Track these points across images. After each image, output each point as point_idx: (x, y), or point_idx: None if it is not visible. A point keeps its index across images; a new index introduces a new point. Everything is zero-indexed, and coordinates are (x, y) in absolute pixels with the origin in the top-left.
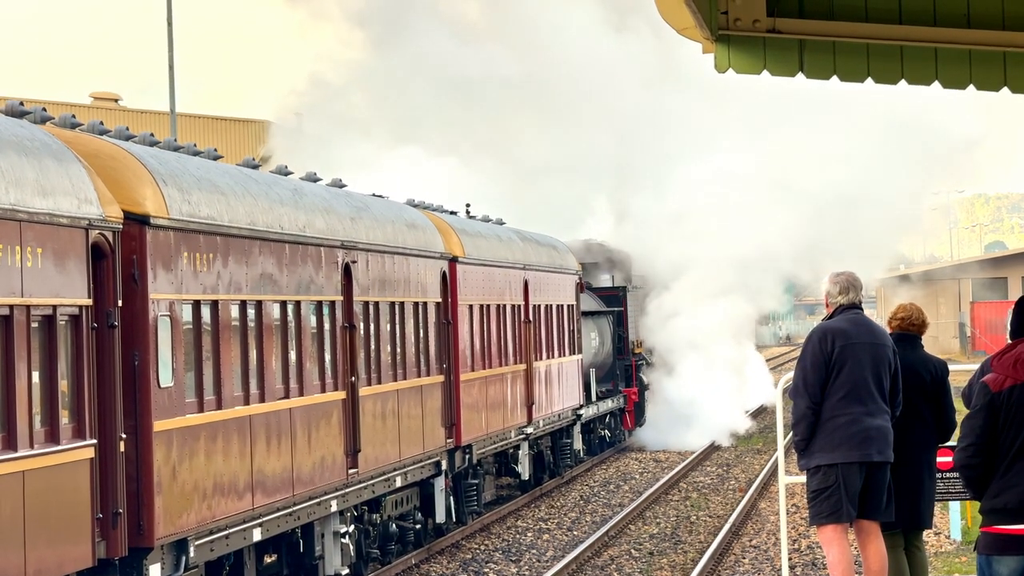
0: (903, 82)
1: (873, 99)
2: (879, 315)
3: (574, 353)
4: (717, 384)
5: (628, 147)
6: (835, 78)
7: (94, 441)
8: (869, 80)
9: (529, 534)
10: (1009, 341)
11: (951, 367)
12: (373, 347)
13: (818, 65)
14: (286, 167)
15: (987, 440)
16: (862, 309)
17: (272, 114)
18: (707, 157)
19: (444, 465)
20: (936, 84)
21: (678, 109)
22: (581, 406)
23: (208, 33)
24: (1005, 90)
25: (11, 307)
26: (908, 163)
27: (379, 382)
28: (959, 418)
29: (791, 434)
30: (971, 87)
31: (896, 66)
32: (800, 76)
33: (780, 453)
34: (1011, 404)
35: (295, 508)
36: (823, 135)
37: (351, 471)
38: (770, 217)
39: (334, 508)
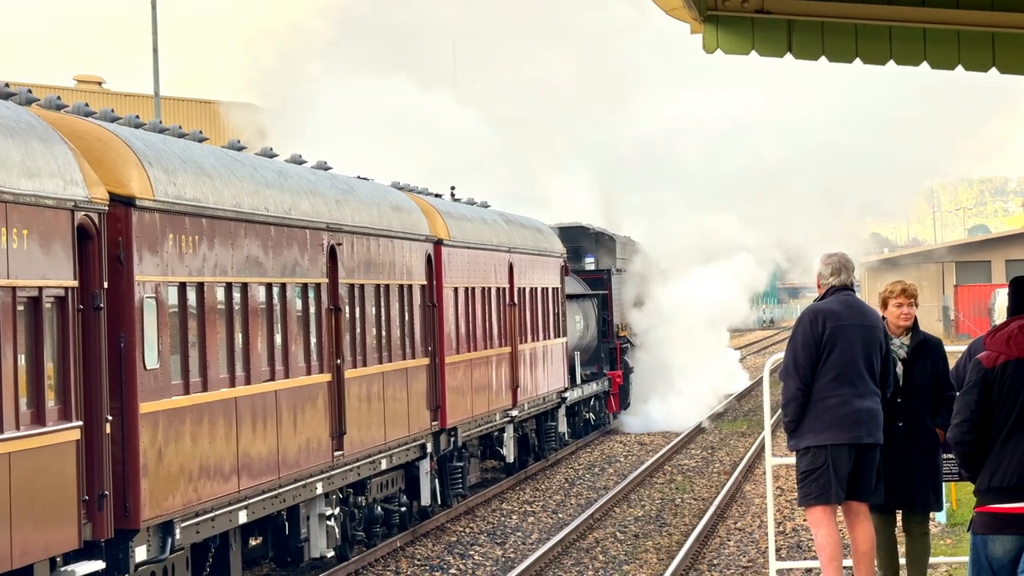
0: (891, 63)
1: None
2: (867, 300)
3: (559, 336)
4: (700, 363)
5: (617, 121)
6: (824, 59)
7: (80, 423)
8: (857, 61)
9: (514, 517)
10: (999, 321)
11: None
12: (358, 330)
13: (807, 46)
14: (271, 149)
15: (981, 416)
16: (854, 291)
17: (245, 93)
18: (697, 130)
19: (429, 448)
20: (925, 64)
21: (671, 75)
22: (566, 389)
23: (192, 14)
24: (993, 71)
25: None
26: (914, 138)
27: (364, 365)
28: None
29: (779, 414)
30: (960, 67)
31: (884, 47)
32: (789, 57)
33: (767, 433)
34: (1004, 380)
35: (281, 491)
36: (823, 108)
37: (336, 454)
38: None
39: (319, 491)
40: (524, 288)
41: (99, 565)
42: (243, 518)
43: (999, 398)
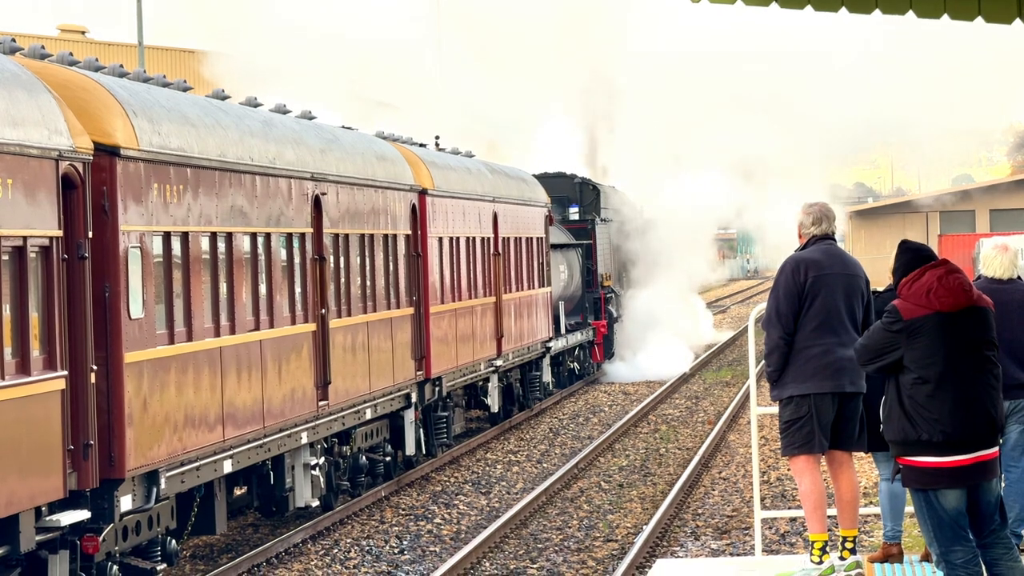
0: (877, 12)
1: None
2: (850, 250)
3: (543, 286)
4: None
5: (607, 68)
6: (809, 8)
7: (65, 373)
8: (843, 10)
9: (499, 466)
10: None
11: None
12: (343, 279)
13: None
14: (255, 99)
15: (887, 354)
16: (835, 240)
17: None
18: (682, 82)
19: (414, 397)
20: (911, 14)
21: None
22: (550, 339)
23: None
24: (979, 20)
25: None
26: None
27: (349, 314)
28: None
29: (763, 364)
30: (945, 16)
31: None
32: (774, 6)
33: (752, 383)
34: (927, 333)
35: (265, 440)
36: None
37: (321, 403)
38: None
39: (304, 440)
40: (509, 238)
41: (84, 514)
42: (228, 467)
43: (922, 352)
